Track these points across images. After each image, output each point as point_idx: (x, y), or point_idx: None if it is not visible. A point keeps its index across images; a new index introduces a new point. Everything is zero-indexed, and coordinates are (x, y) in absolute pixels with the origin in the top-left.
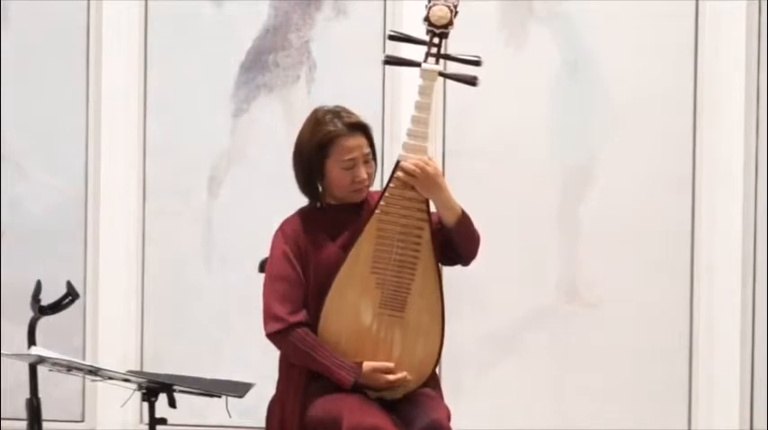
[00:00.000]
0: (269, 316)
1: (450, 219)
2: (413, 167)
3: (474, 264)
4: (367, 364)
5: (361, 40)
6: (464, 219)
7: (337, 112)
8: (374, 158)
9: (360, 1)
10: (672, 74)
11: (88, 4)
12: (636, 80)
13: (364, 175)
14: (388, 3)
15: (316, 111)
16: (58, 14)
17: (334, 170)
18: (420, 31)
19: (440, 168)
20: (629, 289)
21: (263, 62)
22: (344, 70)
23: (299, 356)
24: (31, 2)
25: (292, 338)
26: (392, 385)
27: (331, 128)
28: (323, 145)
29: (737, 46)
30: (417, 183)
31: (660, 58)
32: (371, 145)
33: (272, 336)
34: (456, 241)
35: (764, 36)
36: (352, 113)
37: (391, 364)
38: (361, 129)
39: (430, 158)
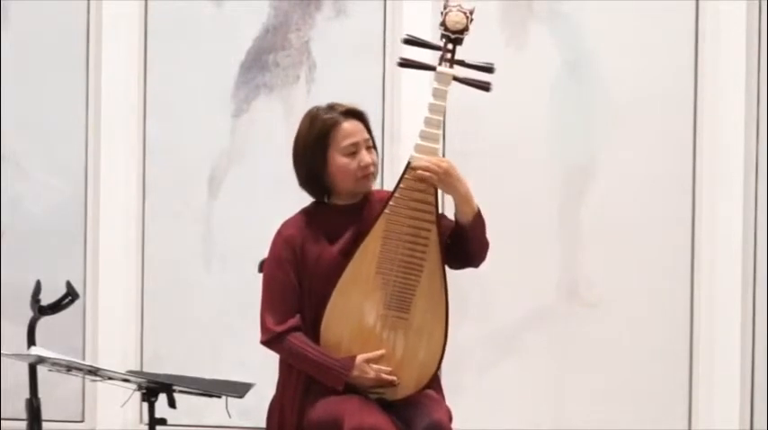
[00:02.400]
0: (260, 325)
1: (468, 215)
2: (429, 166)
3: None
4: (360, 357)
5: (361, 40)
6: (480, 217)
7: (331, 106)
8: (374, 148)
9: (360, 1)
10: (672, 74)
11: (88, 4)
12: (636, 80)
13: (369, 160)
14: (388, 3)
15: (309, 111)
16: (58, 14)
17: (338, 159)
18: (420, 31)
19: (452, 163)
20: (629, 289)
21: (263, 62)
22: (344, 70)
23: (292, 362)
24: (31, 2)
25: (282, 346)
26: (383, 382)
27: (327, 117)
28: (322, 135)
29: (737, 46)
30: (437, 181)
31: (660, 58)
32: (370, 132)
33: (264, 345)
34: (469, 239)
35: (764, 36)
36: (346, 104)
37: (383, 351)
38: (357, 115)
39: (440, 157)
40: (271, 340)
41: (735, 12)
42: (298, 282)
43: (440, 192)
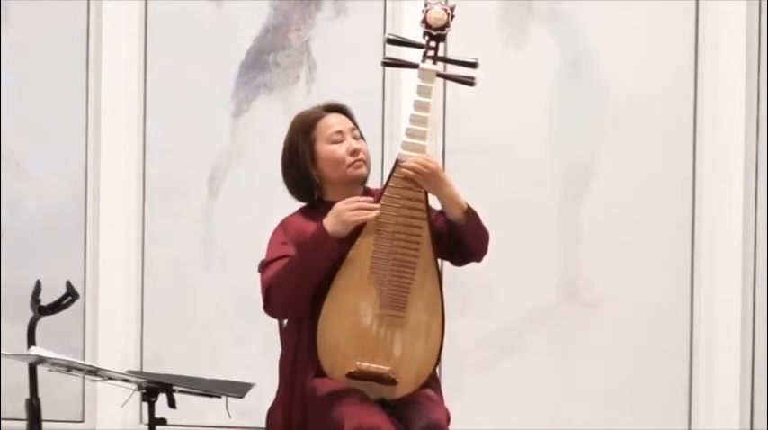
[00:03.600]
0: (261, 295)
1: (456, 214)
2: (415, 165)
3: (474, 263)
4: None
5: (361, 40)
6: (471, 213)
7: (313, 106)
8: (363, 139)
9: (360, 1)
10: (672, 74)
11: (88, 4)
12: (636, 80)
13: (357, 146)
14: (388, 3)
15: (294, 116)
16: (58, 14)
17: (325, 148)
18: (419, 31)
19: (440, 164)
20: (629, 289)
21: (263, 62)
22: (344, 70)
23: (288, 282)
24: (31, 2)
25: (277, 285)
26: (363, 205)
27: (310, 113)
28: (307, 131)
29: (738, 46)
30: (422, 181)
31: (660, 58)
32: (355, 125)
33: (267, 306)
34: (465, 236)
35: (765, 36)
36: (328, 102)
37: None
38: (339, 109)
39: (429, 157)
40: (268, 291)
41: (735, 12)
42: None
43: None
